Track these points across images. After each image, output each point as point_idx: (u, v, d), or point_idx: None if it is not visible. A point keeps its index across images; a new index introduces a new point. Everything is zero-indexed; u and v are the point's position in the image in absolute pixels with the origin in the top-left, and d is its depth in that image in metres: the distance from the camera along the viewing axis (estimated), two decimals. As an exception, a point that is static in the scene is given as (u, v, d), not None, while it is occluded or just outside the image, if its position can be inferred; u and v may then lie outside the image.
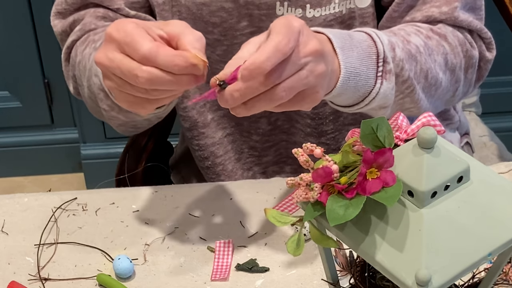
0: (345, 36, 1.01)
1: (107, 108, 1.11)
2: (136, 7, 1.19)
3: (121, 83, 0.93)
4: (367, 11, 1.14)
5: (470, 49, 1.15)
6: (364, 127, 0.73)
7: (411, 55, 1.07)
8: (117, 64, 0.91)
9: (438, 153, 0.72)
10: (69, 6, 1.18)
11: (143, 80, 0.90)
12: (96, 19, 1.17)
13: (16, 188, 2.37)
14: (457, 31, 1.15)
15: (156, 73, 0.89)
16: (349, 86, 1.00)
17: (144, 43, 0.90)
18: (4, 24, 2.17)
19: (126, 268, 1.01)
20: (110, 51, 0.92)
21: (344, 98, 1.03)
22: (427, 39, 1.10)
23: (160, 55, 0.89)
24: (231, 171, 1.28)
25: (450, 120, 1.34)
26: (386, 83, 1.03)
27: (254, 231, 1.07)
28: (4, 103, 2.31)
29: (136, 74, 0.90)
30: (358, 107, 1.05)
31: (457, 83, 1.16)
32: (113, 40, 0.92)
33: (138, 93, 0.93)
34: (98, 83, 1.08)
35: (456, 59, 1.14)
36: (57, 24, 1.21)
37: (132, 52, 0.90)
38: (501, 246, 0.71)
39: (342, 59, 0.98)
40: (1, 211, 1.12)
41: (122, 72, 0.91)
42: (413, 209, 0.71)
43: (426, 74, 1.10)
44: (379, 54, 1.02)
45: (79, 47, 1.16)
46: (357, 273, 0.82)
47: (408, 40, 1.08)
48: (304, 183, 0.74)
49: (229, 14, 1.15)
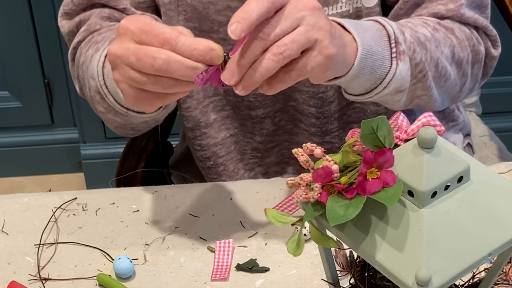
0: (355, 22, 1.01)
1: (104, 111, 1.11)
2: (143, 7, 1.19)
3: (133, 74, 0.92)
4: (373, 10, 1.14)
5: (477, 45, 1.15)
6: (364, 127, 0.73)
7: (420, 42, 1.07)
8: (132, 51, 0.91)
9: (438, 153, 0.72)
10: (76, 6, 1.19)
11: (160, 62, 0.89)
12: (101, 19, 1.17)
13: (16, 188, 2.37)
14: (464, 27, 1.15)
15: (174, 56, 0.89)
16: (366, 65, 0.99)
17: (164, 29, 0.90)
18: (4, 24, 2.17)
19: (126, 268, 1.01)
20: (125, 42, 0.92)
21: (362, 81, 1.01)
22: (434, 31, 1.10)
23: (180, 39, 0.89)
24: (232, 172, 1.28)
25: (455, 121, 1.34)
26: (402, 64, 1.03)
27: (254, 231, 1.07)
28: (4, 103, 2.31)
29: (153, 56, 0.89)
30: (376, 92, 1.04)
31: (464, 77, 1.16)
32: (128, 31, 0.92)
33: (149, 83, 0.92)
34: (94, 86, 1.08)
35: (463, 53, 1.14)
36: (64, 25, 1.21)
37: (152, 37, 0.90)
38: (501, 246, 0.71)
39: (358, 37, 0.98)
40: (1, 211, 1.12)
41: (138, 58, 0.90)
42: (413, 209, 0.71)
43: (436, 63, 1.09)
44: (389, 36, 1.02)
45: (83, 48, 1.16)
46: (357, 273, 0.82)
47: (416, 30, 1.08)
48: (304, 183, 0.74)
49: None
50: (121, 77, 0.94)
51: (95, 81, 1.07)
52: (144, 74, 0.91)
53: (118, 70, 0.94)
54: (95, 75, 1.07)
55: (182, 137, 1.41)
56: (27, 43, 2.20)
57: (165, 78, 0.91)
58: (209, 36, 1.18)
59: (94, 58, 1.09)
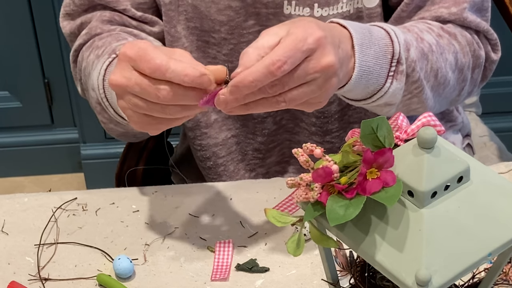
0: (365, 32, 1.01)
1: (105, 121, 1.12)
2: (144, 8, 1.19)
3: (138, 102, 0.92)
4: (374, 11, 1.14)
5: (478, 49, 1.16)
6: (364, 127, 0.73)
7: (423, 54, 1.07)
8: (135, 81, 0.91)
9: (438, 153, 0.72)
10: (77, 7, 1.19)
11: (164, 92, 0.90)
12: (102, 23, 1.17)
13: (16, 188, 2.37)
14: (465, 31, 1.15)
15: (175, 86, 0.90)
16: (360, 84, 1.00)
17: (156, 55, 0.90)
18: (4, 24, 2.17)
19: (126, 268, 1.01)
20: (125, 70, 0.92)
21: (353, 94, 1.03)
22: (438, 38, 1.11)
23: (170, 65, 0.89)
24: (232, 172, 1.28)
25: (454, 122, 1.34)
26: (396, 83, 1.04)
27: (254, 231, 1.07)
28: (4, 103, 2.31)
29: (157, 87, 0.90)
30: (365, 103, 1.05)
31: (463, 82, 1.16)
32: (127, 58, 0.92)
33: (154, 111, 0.93)
34: (95, 97, 1.08)
35: (465, 58, 1.14)
36: (66, 26, 1.21)
37: (144, 64, 0.90)
38: (501, 246, 0.71)
39: (358, 57, 0.98)
40: (1, 211, 1.12)
41: (142, 89, 0.91)
42: (413, 209, 0.71)
43: (436, 73, 1.10)
44: (394, 55, 1.03)
45: (85, 52, 1.16)
46: (357, 273, 0.82)
47: (422, 37, 1.08)
48: (304, 183, 0.74)
49: (236, 12, 1.15)
50: (126, 104, 0.94)
51: (95, 93, 1.08)
52: (149, 102, 0.92)
53: (122, 98, 0.94)
54: (96, 87, 1.07)
55: (183, 137, 1.41)
56: (27, 43, 2.20)
57: (171, 105, 0.92)
58: (210, 36, 1.18)
59: (95, 68, 1.09)
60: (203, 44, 1.19)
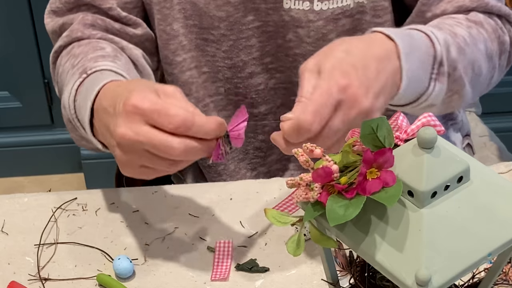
0: (407, 38, 1.00)
1: (77, 138, 1.11)
2: (129, 8, 1.18)
3: (145, 156, 0.90)
4: (379, 4, 1.14)
5: (502, 35, 1.15)
6: (364, 127, 0.73)
7: (460, 49, 1.07)
8: (145, 136, 0.88)
9: (438, 153, 0.72)
10: (62, 5, 1.19)
11: (178, 152, 0.88)
12: (84, 26, 1.16)
13: (16, 188, 2.37)
14: (489, 18, 1.15)
15: (190, 144, 0.88)
16: (406, 92, 1.00)
17: (177, 110, 0.87)
18: (4, 24, 2.17)
19: (126, 268, 1.01)
20: (134, 124, 0.89)
21: (397, 101, 1.02)
22: (469, 29, 1.10)
23: (196, 121, 0.87)
24: (233, 171, 1.28)
25: (454, 120, 1.34)
26: (439, 85, 1.03)
27: (254, 231, 1.07)
28: (4, 103, 2.31)
29: (171, 146, 0.87)
30: (409, 107, 1.05)
31: (493, 70, 1.16)
32: (137, 110, 0.88)
33: (162, 166, 0.91)
34: (66, 115, 1.07)
35: (493, 46, 1.13)
36: (49, 23, 1.21)
37: (166, 120, 0.87)
38: (501, 246, 0.71)
39: (405, 68, 0.97)
40: (1, 211, 1.12)
41: (154, 145, 0.88)
42: (413, 209, 0.71)
43: (473, 66, 1.09)
44: (436, 57, 1.02)
45: (63, 57, 1.16)
46: (357, 273, 0.82)
47: (455, 32, 1.08)
48: (304, 183, 0.73)
49: (235, 8, 1.15)
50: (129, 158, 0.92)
51: (66, 112, 1.06)
52: (156, 157, 0.90)
53: (126, 152, 0.92)
54: (67, 107, 1.06)
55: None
56: (27, 43, 2.20)
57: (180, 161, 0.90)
58: (209, 33, 1.18)
59: (67, 83, 1.08)
60: (202, 42, 1.19)
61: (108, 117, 0.94)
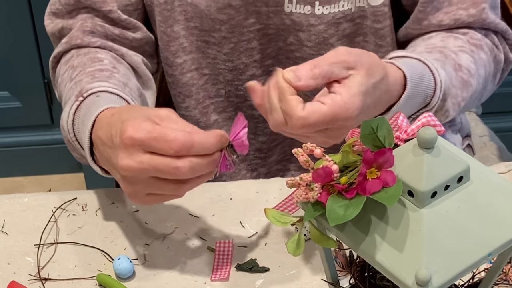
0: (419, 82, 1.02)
1: (77, 156, 1.11)
2: (129, 10, 1.18)
3: (151, 184, 0.90)
4: (379, 9, 1.14)
5: (498, 54, 1.16)
6: (364, 127, 0.73)
7: (464, 82, 1.09)
8: (149, 164, 0.88)
9: (438, 153, 0.72)
10: (62, 6, 1.18)
11: (185, 170, 0.87)
12: (83, 33, 1.16)
13: (16, 188, 2.37)
14: (486, 38, 1.15)
15: (195, 160, 0.88)
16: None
17: (175, 133, 0.87)
18: (4, 24, 2.17)
19: (126, 268, 1.00)
20: (135, 154, 0.89)
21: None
22: (472, 54, 1.11)
23: (195, 140, 0.87)
24: (233, 172, 1.28)
25: (452, 122, 1.35)
26: None
27: (254, 231, 1.07)
28: (4, 103, 2.31)
29: (176, 166, 0.87)
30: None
31: (485, 89, 1.17)
32: (135, 141, 0.88)
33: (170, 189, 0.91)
34: (66, 137, 1.07)
35: (490, 68, 1.15)
36: (49, 25, 1.21)
37: (165, 145, 0.87)
38: (501, 246, 0.71)
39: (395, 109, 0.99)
40: (1, 211, 1.12)
41: (159, 170, 0.88)
42: (413, 209, 0.71)
43: (472, 94, 1.12)
44: (427, 106, 1.05)
45: (62, 66, 1.16)
46: (357, 273, 0.82)
47: (460, 64, 1.09)
48: (304, 183, 0.73)
49: (237, 11, 1.15)
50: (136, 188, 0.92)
51: (66, 133, 1.06)
52: (164, 181, 0.90)
53: (134, 184, 0.91)
54: (66, 129, 1.06)
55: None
56: (27, 43, 2.20)
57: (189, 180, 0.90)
58: (210, 36, 1.18)
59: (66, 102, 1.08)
60: (203, 44, 1.19)
61: (108, 150, 0.94)
